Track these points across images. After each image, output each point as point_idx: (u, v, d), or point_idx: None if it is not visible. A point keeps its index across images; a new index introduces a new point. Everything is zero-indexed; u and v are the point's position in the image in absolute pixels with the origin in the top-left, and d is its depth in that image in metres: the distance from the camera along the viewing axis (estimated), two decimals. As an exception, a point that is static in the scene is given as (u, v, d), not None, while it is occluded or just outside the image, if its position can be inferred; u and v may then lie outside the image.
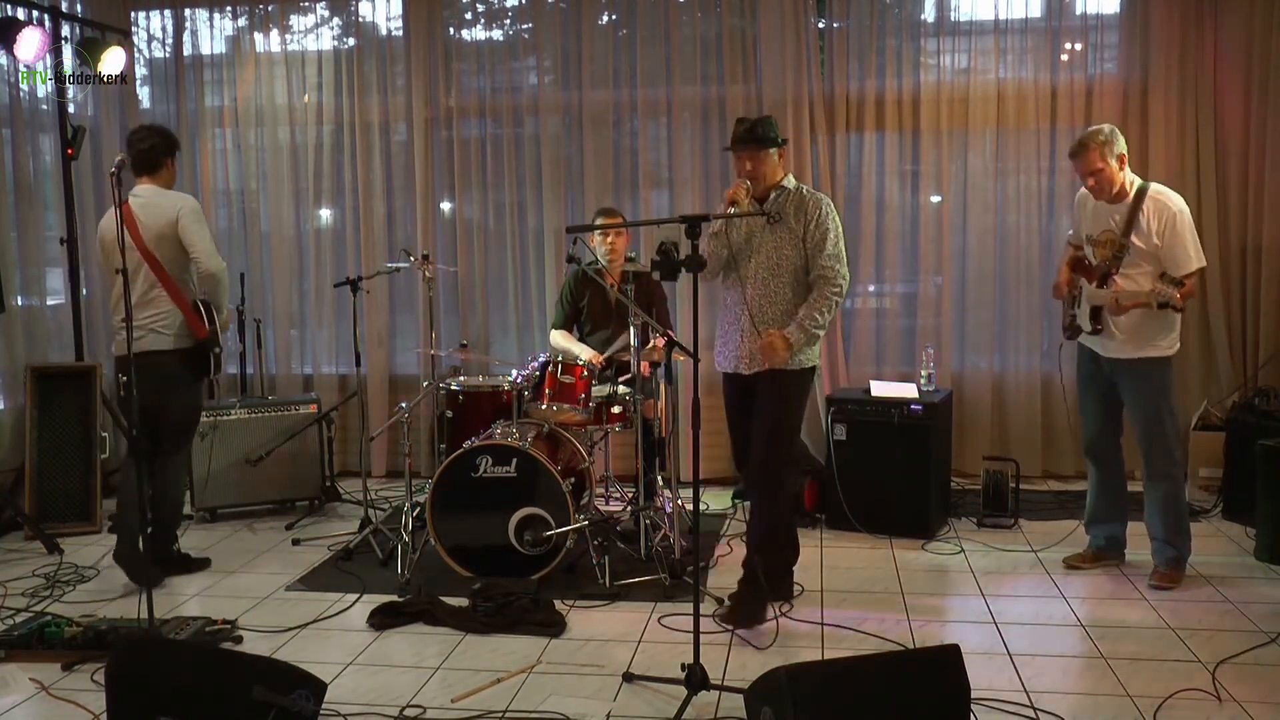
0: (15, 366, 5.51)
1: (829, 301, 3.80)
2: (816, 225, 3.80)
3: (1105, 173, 3.96)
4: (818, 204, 3.84)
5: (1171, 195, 3.99)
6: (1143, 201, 3.96)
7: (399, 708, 3.17)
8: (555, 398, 4.41)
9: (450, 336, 6.13)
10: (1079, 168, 4.02)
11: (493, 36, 6.25)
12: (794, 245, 3.82)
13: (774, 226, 3.82)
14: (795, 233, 3.81)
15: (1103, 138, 3.95)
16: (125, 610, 3.97)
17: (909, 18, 5.87)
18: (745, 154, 3.82)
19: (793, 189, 3.87)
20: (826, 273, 3.80)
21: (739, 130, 3.85)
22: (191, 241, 4.21)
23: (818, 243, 3.80)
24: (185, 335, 4.27)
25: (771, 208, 3.84)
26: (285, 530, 5.16)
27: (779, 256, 3.82)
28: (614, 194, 6.02)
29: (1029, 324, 5.86)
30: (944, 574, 4.41)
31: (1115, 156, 3.95)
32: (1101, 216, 4.09)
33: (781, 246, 3.83)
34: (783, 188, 3.87)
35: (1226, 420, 5.25)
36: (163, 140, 4.36)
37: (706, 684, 3.13)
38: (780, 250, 3.82)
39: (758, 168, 3.82)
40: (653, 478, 4.76)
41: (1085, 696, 3.22)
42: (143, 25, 6.36)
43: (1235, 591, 4.10)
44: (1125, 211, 3.99)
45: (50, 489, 5.20)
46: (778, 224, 3.81)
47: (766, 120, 3.87)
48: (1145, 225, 3.94)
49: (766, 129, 3.82)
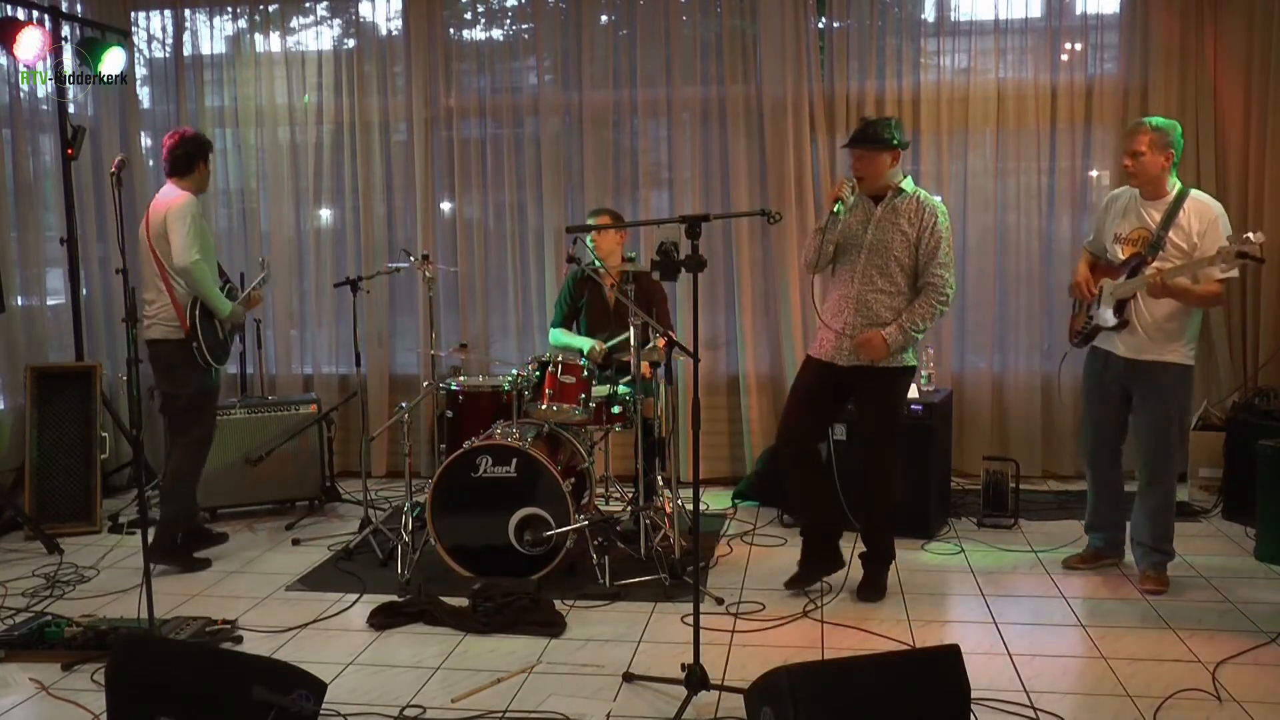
0: (15, 366, 5.51)
1: (934, 309, 3.90)
2: (931, 233, 3.88)
3: (1144, 159, 3.93)
4: (934, 212, 3.91)
5: (1212, 200, 3.98)
6: (1184, 202, 3.92)
7: (399, 708, 3.17)
8: (555, 398, 4.41)
9: (450, 336, 6.13)
10: (1125, 144, 4.03)
11: (493, 36, 6.25)
12: (905, 247, 3.91)
13: (887, 226, 3.91)
14: (909, 236, 3.90)
15: (1155, 126, 3.94)
16: (125, 610, 3.97)
17: (909, 18, 5.87)
18: (856, 152, 3.93)
19: (910, 193, 3.94)
20: (936, 281, 3.90)
21: (857, 129, 3.96)
22: (169, 238, 4.43)
23: (930, 250, 3.89)
24: (177, 327, 4.50)
25: (887, 207, 3.93)
26: (285, 530, 5.16)
27: (888, 256, 3.91)
28: (614, 194, 6.02)
29: (1029, 324, 5.86)
30: (944, 574, 4.41)
31: (1162, 151, 3.92)
32: (1134, 213, 4.03)
33: (892, 246, 3.91)
34: (901, 190, 3.94)
35: (1226, 420, 5.25)
36: (194, 144, 4.59)
37: (706, 684, 3.13)
38: (890, 249, 3.91)
39: (865, 167, 3.91)
40: (653, 478, 4.76)
41: (1085, 696, 3.22)
42: (143, 25, 6.36)
43: (1235, 591, 4.10)
44: (1165, 209, 3.94)
45: (50, 489, 5.20)
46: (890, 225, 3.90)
47: (885, 122, 3.93)
48: (1186, 224, 3.90)
49: (879, 130, 3.89)
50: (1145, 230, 3.97)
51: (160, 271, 4.46)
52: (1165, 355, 3.96)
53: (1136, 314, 3.98)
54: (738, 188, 5.88)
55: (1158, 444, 4.03)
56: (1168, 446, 4.05)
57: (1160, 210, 3.95)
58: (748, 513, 5.38)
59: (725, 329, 6.00)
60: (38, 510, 5.10)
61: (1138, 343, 4.00)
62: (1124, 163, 4.01)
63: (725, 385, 6.02)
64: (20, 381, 5.37)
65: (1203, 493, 5.29)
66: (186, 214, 4.42)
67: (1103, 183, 5.79)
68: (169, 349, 4.51)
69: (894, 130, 3.91)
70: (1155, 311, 3.94)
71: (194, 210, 4.45)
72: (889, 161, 3.91)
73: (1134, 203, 4.04)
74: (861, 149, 3.91)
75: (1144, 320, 3.97)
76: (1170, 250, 3.90)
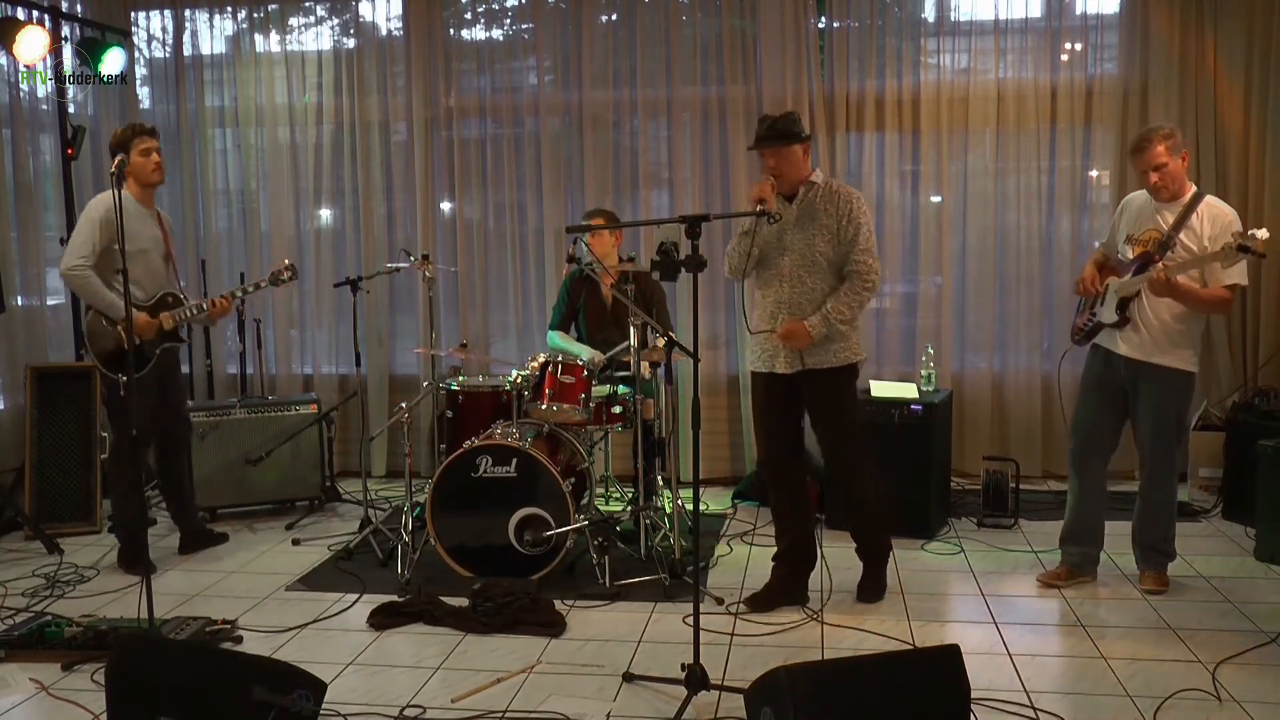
0: (15, 366, 5.51)
1: (859, 296, 3.81)
2: (849, 219, 3.79)
3: (1170, 168, 3.85)
4: (849, 197, 3.83)
5: (1227, 207, 3.91)
6: (1198, 205, 3.86)
7: (399, 708, 3.17)
8: (555, 398, 4.41)
9: (450, 336, 6.13)
10: (1141, 164, 3.90)
11: (493, 36, 6.25)
12: (828, 240, 3.81)
13: (805, 222, 3.82)
14: (829, 228, 3.81)
15: (1166, 131, 3.86)
16: (125, 610, 3.97)
17: (909, 18, 5.87)
18: (768, 152, 3.82)
19: (822, 183, 3.86)
20: (859, 267, 3.80)
21: (761, 128, 3.84)
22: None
23: (851, 237, 3.80)
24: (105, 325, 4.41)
25: (802, 204, 3.84)
26: (285, 530, 5.16)
27: (813, 253, 3.82)
28: (614, 194, 6.03)
29: (1029, 324, 5.86)
30: (944, 574, 4.41)
31: (1178, 153, 3.86)
32: (1147, 216, 3.98)
33: (815, 242, 3.82)
34: (811, 183, 3.86)
35: (1226, 420, 5.25)
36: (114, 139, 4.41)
37: (706, 684, 3.13)
38: (814, 246, 3.82)
39: (780, 164, 3.81)
40: (653, 478, 4.76)
41: (1085, 696, 3.22)
42: (143, 25, 6.36)
43: (1235, 591, 4.10)
44: (1178, 211, 3.88)
45: (50, 489, 5.19)
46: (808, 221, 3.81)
47: (789, 116, 3.84)
48: (1198, 227, 3.84)
49: (788, 125, 3.80)
50: (1157, 231, 3.93)
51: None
52: (1168, 359, 3.91)
53: (1141, 314, 3.93)
54: (738, 188, 5.88)
55: (1158, 445, 3.99)
56: (1168, 447, 4.01)
57: (1174, 212, 3.90)
58: (748, 513, 5.38)
59: (725, 329, 6.00)
60: (38, 510, 5.10)
61: (1140, 343, 3.94)
62: (1151, 180, 3.88)
63: (725, 385, 6.02)
64: (20, 381, 5.37)
65: (1203, 493, 5.30)
66: (89, 215, 4.32)
67: (1103, 183, 5.80)
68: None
69: (796, 122, 3.82)
70: (1161, 314, 3.89)
71: (98, 214, 4.28)
72: (800, 154, 3.82)
73: (1149, 205, 4.00)
74: (773, 146, 3.79)
75: (1149, 321, 3.91)
76: (1179, 251, 3.85)
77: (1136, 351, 3.96)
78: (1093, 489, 4.18)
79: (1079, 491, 4.21)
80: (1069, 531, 4.26)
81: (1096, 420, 4.15)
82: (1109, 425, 4.14)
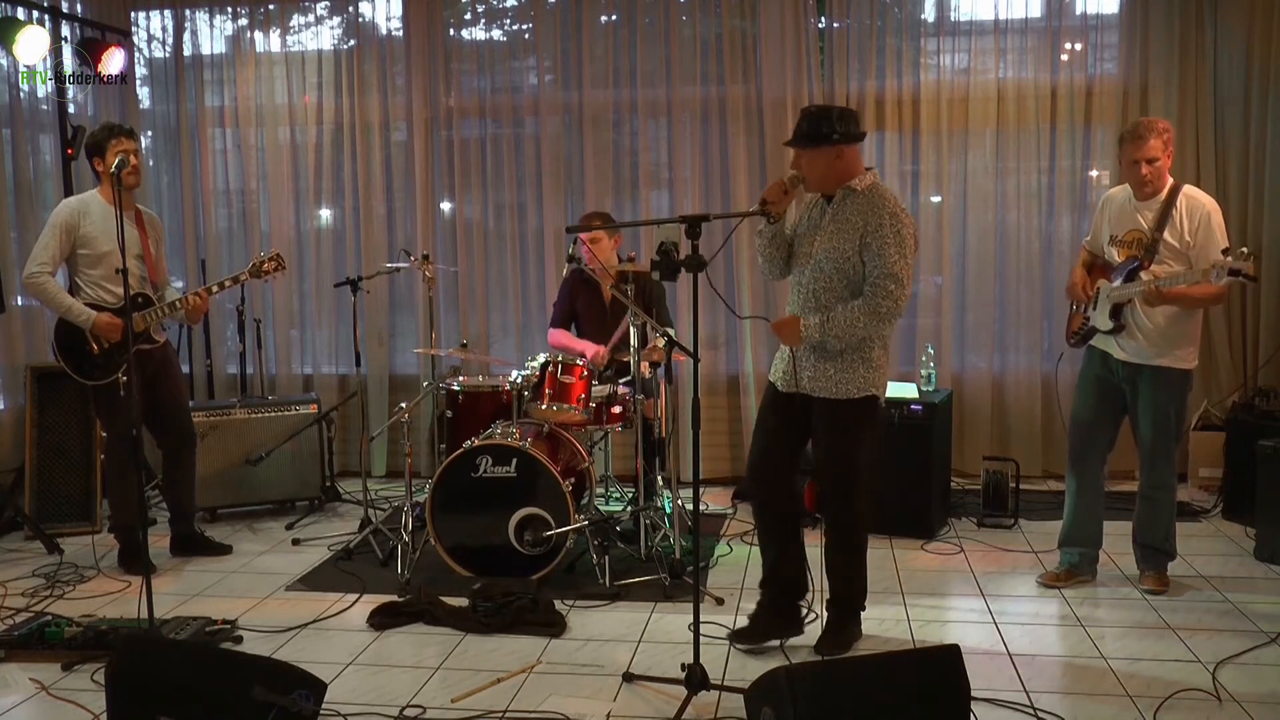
0: (15, 366, 5.50)
1: (864, 317, 3.36)
2: (875, 232, 3.36)
3: (1160, 164, 3.82)
4: (882, 210, 3.38)
5: (1203, 195, 3.88)
6: (1176, 199, 3.83)
7: (399, 708, 3.17)
8: (555, 398, 4.41)
9: (450, 336, 6.13)
10: (1133, 152, 3.81)
11: (493, 36, 6.25)
12: (854, 249, 3.41)
13: (833, 228, 3.45)
14: (852, 238, 3.41)
15: (1163, 126, 3.83)
16: (125, 610, 3.97)
17: (909, 18, 5.87)
18: (795, 151, 3.52)
19: (863, 189, 3.44)
20: (874, 289, 3.38)
21: (796, 123, 3.51)
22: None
23: (876, 250, 3.36)
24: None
25: (837, 207, 3.47)
26: (285, 530, 5.16)
27: (840, 259, 3.42)
28: (614, 194, 6.03)
29: (1029, 324, 5.86)
30: (944, 574, 4.41)
31: (1167, 150, 3.84)
32: (1128, 216, 3.96)
33: (843, 248, 3.42)
34: (850, 188, 3.45)
35: (1226, 420, 5.25)
36: (87, 140, 4.41)
37: (706, 684, 3.13)
38: (841, 252, 3.42)
39: (805, 166, 3.46)
40: (653, 478, 4.76)
41: (1085, 696, 3.22)
42: (143, 25, 6.36)
43: (1235, 591, 4.10)
44: (1158, 209, 3.85)
45: (50, 489, 5.19)
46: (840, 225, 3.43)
47: (825, 114, 3.42)
48: (1179, 223, 3.81)
49: (817, 125, 3.40)
50: (1139, 232, 3.92)
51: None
52: (1164, 360, 3.90)
53: (1136, 319, 3.91)
54: (738, 188, 5.88)
55: (1158, 443, 3.98)
56: (1168, 445, 4.00)
57: (1153, 210, 3.88)
58: (748, 513, 5.37)
59: (725, 329, 6.00)
60: (38, 510, 5.10)
61: (1136, 347, 3.93)
62: (1141, 173, 3.83)
63: (725, 385, 6.02)
64: (20, 381, 5.37)
65: (1203, 493, 5.30)
66: (52, 221, 4.31)
67: (1103, 183, 5.79)
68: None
69: (835, 122, 3.38)
70: (1154, 318, 3.87)
71: (59, 220, 4.28)
72: (832, 157, 3.41)
73: (1129, 204, 3.98)
74: (797, 147, 3.47)
75: (1144, 326, 3.90)
76: (1164, 252, 3.84)
77: (1133, 356, 3.95)
78: (1091, 489, 4.17)
79: (1077, 491, 4.20)
80: (1068, 534, 4.26)
81: (1094, 420, 4.13)
82: (1106, 425, 4.13)
